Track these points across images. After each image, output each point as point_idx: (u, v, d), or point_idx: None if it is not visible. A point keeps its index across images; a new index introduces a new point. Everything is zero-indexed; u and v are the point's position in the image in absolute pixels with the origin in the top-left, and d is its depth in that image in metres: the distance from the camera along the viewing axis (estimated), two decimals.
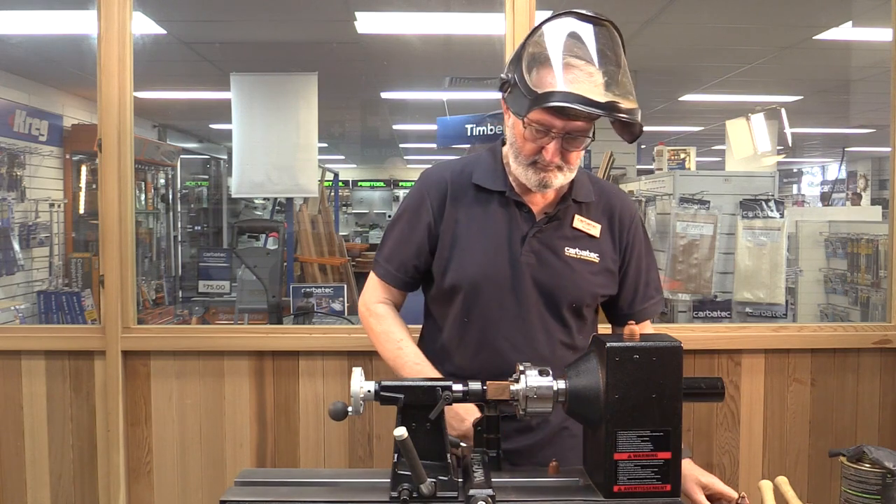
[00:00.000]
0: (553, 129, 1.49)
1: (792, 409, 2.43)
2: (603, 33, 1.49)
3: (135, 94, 2.37)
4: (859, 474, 1.33)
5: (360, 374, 1.37)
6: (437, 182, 1.70)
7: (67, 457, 2.38)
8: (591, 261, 1.66)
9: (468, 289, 1.65)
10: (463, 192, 1.68)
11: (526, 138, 1.53)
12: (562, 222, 1.66)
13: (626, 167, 6.65)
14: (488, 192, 1.66)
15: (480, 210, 1.66)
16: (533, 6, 2.32)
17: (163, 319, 6.43)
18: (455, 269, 1.65)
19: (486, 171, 1.68)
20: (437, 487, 1.31)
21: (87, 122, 6.74)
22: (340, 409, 1.35)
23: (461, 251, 1.65)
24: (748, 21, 5.02)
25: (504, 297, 1.64)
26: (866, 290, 5.09)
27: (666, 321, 4.62)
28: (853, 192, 14.57)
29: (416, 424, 1.34)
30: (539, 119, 1.49)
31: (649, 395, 1.31)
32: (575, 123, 1.49)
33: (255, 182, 4.52)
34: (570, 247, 1.65)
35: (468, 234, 1.66)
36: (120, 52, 2.32)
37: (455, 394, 1.36)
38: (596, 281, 1.67)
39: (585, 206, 1.69)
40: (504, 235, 1.64)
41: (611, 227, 1.70)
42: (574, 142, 1.52)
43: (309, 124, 4.54)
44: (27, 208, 5.75)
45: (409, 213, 1.71)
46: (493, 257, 1.64)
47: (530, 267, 1.63)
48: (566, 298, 1.65)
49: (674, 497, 1.32)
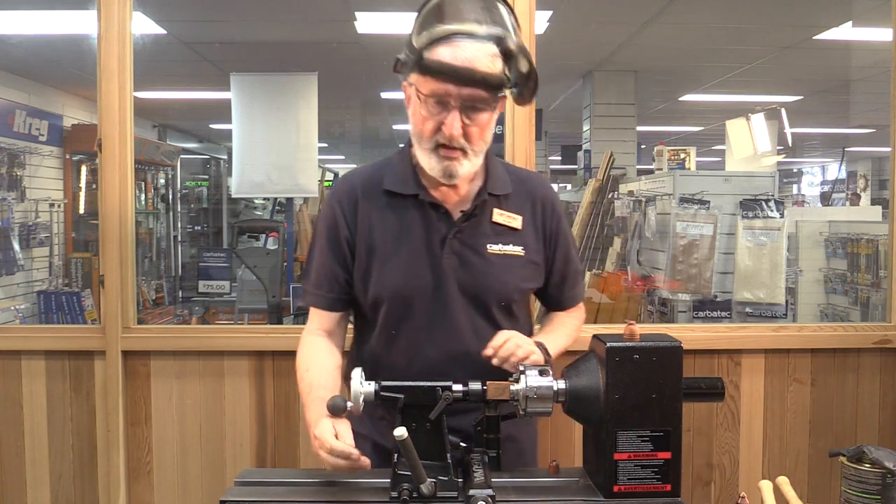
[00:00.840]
0: (449, 96, 1.45)
1: (792, 409, 2.43)
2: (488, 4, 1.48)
3: (135, 94, 2.37)
4: (859, 474, 1.32)
5: (360, 374, 1.37)
6: (346, 193, 1.63)
7: (67, 457, 2.38)
8: (515, 255, 1.61)
9: (391, 301, 1.59)
10: (375, 201, 1.61)
11: (424, 116, 1.49)
12: (481, 219, 1.60)
13: (626, 167, 6.65)
14: (401, 196, 1.60)
15: (395, 217, 1.60)
16: (533, 6, 2.32)
17: (163, 319, 6.44)
18: (376, 283, 1.59)
19: (396, 175, 1.62)
20: (437, 487, 1.31)
21: (87, 122, 6.74)
22: (340, 404, 1.35)
23: (380, 263, 1.59)
24: (748, 21, 5.03)
25: (429, 305, 1.58)
26: (866, 290, 5.09)
27: (666, 321, 4.62)
28: (852, 193, 14.57)
29: (416, 424, 1.35)
30: (432, 89, 1.45)
31: (649, 395, 1.31)
32: (470, 90, 1.45)
33: (255, 182, 4.52)
34: (493, 243, 1.60)
35: (385, 244, 1.60)
36: (120, 52, 2.31)
37: (455, 394, 1.36)
38: (522, 275, 1.63)
39: (504, 198, 1.63)
40: (422, 241, 1.58)
41: (533, 216, 1.65)
42: (475, 115, 1.48)
43: (309, 124, 4.54)
44: (27, 208, 5.75)
45: (325, 230, 1.65)
46: (414, 265, 1.58)
47: (453, 270, 1.57)
48: (493, 297, 1.60)
49: (674, 497, 1.32)
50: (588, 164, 7.08)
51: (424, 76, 1.46)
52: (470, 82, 1.44)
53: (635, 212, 5.29)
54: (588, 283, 4.92)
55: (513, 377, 1.40)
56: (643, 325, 2.34)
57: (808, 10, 4.83)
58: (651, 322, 4.72)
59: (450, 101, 1.46)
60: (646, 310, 4.87)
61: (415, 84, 1.49)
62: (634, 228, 5.24)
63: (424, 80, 1.46)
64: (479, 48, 1.44)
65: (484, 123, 1.51)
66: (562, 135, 10.03)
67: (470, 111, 1.48)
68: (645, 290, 4.95)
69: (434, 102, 1.47)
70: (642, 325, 2.44)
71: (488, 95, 1.48)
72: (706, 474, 2.42)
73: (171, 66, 6.23)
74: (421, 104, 1.49)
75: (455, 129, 1.47)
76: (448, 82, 1.44)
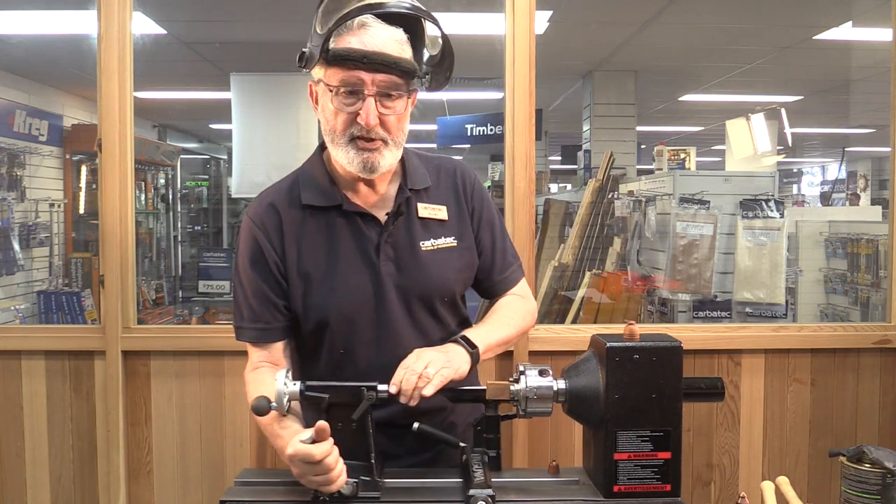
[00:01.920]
0: (362, 84, 1.40)
1: (792, 409, 2.43)
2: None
3: (135, 94, 2.37)
4: (859, 474, 1.33)
5: (284, 375, 1.35)
6: (266, 216, 1.53)
7: (67, 457, 2.38)
8: (448, 246, 1.56)
9: (336, 322, 1.51)
10: (297, 219, 1.52)
11: (338, 109, 1.42)
12: (407, 216, 1.54)
13: (626, 167, 6.65)
14: (323, 210, 1.52)
15: (322, 234, 1.51)
16: (533, 6, 2.31)
17: (163, 319, 6.43)
18: (316, 307, 1.51)
19: (313, 187, 1.53)
20: (358, 488, 1.31)
21: (87, 122, 6.74)
22: (263, 406, 1.34)
23: (317, 285, 1.50)
24: (748, 21, 5.03)
25: (373, 317, 1.51)
26: (866, 290, 5.09)
27: (666, 321, 4.62)
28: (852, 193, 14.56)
29: (342, 424, 1.33)
30: (343, 78, 1.40)
31: (649, 395, 1.31)
32: (384, 76, 1.40)
33: (255, 182, 4.52)
34: (424, 239, 1.54)
35: (318, 265, 1.51)
36: (120, 52, 2.31)
37: (381, 394, 1.34)
38: (459, 265, 1.58)
39: (425, 191, 1.57)
40: (356, 253, 1.51)
41: (457, 202, 1.60)
42: (389, 103, 1.42)
43: (309, 124, 4.55)
44: (27, 208, 5.75)
45: (251, 261, 1.53)
46: (353, 280, 1.50)
47: (391, 276, 1.51)
48: (436, 294, 1.55)
49: (674, 497, 1.32)
50: (588, 164, 7.08)
51: (333, 67, 1.41)
52: (382, 67, 1.40)
53: (635, 212, 5.29)
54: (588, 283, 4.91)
55: (512, 377, 1.40)
56: (643, 325, 2.34)
57: (808, 10, 4.83)
58: (651, 322, 4.72)
59: (363, 90, 1.41)
60: (646, 310, 4.87)
61: (322, 79, 1.45)
62: (634, 228, 5.24)
63: (333, 70, 1.41)
64: (387, 34, 1.41)
65: (400, 111, 1.45)
66: (562, 135, 10.03)
67: (385, 99, 1.43)
68: (645, 290, 4.94)
69: (346, 93, 1.42)
70: (642, 325, 2.44)
71: (402, 81, 1.43)
72: (706, 474, 2.42)
73: (171, 66, 6.22)
74: (332, 97, 1.43)
75: (372, 117, 1.40)
76: (360, 69, 1.39)
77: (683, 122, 10.20)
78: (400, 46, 1.43)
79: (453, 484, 1.37)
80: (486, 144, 6.79)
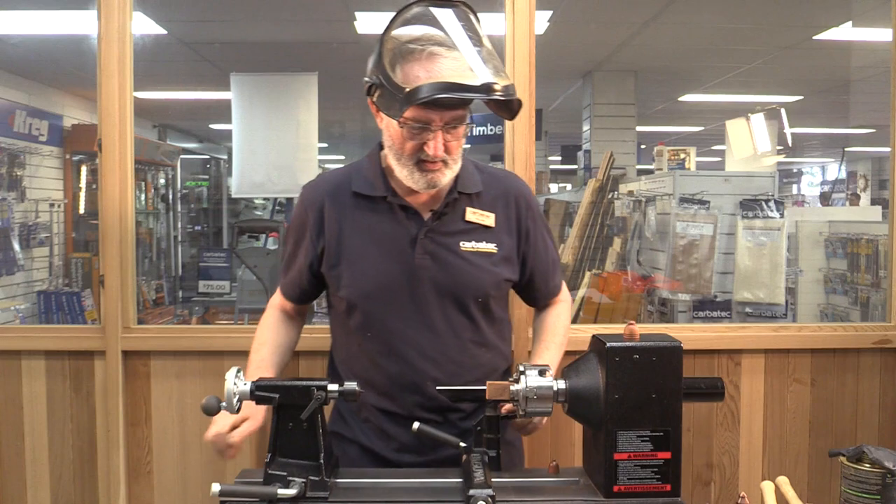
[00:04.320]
0: (431, 123, 1.46)
1: (792, 410, 2.43)
2: (459, 15, 1.45)
3: (135, 94, 2.37)
4: (859, 474, 1.33)
5: (234, 374, 1.36)
6: (315, 197, 1.66)
7: (67, 457, 2.38)
8: (489, 252, 1.62)
9: (364, 303, 1.60)
10: (344, 204, 1.63)
11: (405, 137, 1.48)
12: (452, 217, 1.61)
13: (626, 167, 6.66)
14: (370, 199, 1.61)
15: (364, 219, 1.61)
16: (533, 6, 2.31)
17: (163, 319, 6.44)
18: (347, 286, 1.60)
19: (364, 178, 1.63)
20: (307, 488, 1.31)
21: (87, 122, 6.74)
22: (213, 405, 1.35)
23: (351, 266, 1.60)
24: (748, 21, 5.03)
25: (403, 306, 1.58)
26: (866, 290, 5.09)
27: (666, 321, 4.62)
28: (852, 193, 14.56)
29: (293, 424, 1.34)
30: (415, 116, 1.44)
31: (649, 395, 1.31)
32: (452, 113, 1.46)
33: (255, 182, 4.52)
34: (466, 240, 1.61)
35: (355, 246, 1.60)
36: (120, 52, 2.31)
37: (330, 393, 1.35)
38: (497, 271, 1.63)
39: (476, 196, 1.64)
40: (392, 242, 1.59)
41: (507, 213, 1.66)
42: (454, 131, 1.49)
43: (309, 124, 4.54)
44: (27, 208, 5.75)
45: (293, 232, 1.69)
46: (386, 266, 1.58)
47: (426, 269, 1.58)
48: (470, 294, 1.60)
49: (674, 497, 1.32)
50: (588, 164, 7.08)
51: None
52: (452, 107, 1.44)
53: (635, 212, 5.29)
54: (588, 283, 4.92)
55: (512, 377, 1.40)
56: (643, 325, 2.34)
57: (808, 10, 4.83)
58: (651, 322, 4.72)
59: (430, 126, 1.46)
60: (646, 310, 4.87)
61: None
62: (634, 228, 5.25)
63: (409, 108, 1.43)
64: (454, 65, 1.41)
65: (462, 135, 1.52)
66: (562, 135, 10.03)
67: (450, 129, 1.48)
68: (645, 290, 4.95)
69: (414, 127, 1.46)
70: (642, 325, 2.44)
71: (466, 112, 1.49)
72: (706, 474, 2.42)
73: (171, 66, 6.23)
74: (400, 123, 1.47)
75: (439, 150, 1.48)
76: (430, 109, 1.44)
77: (683, 122, 10.20)
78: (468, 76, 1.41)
79: (453, 484, 1.37)
80: (486, 144, 6.79)
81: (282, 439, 1.34)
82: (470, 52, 1.42)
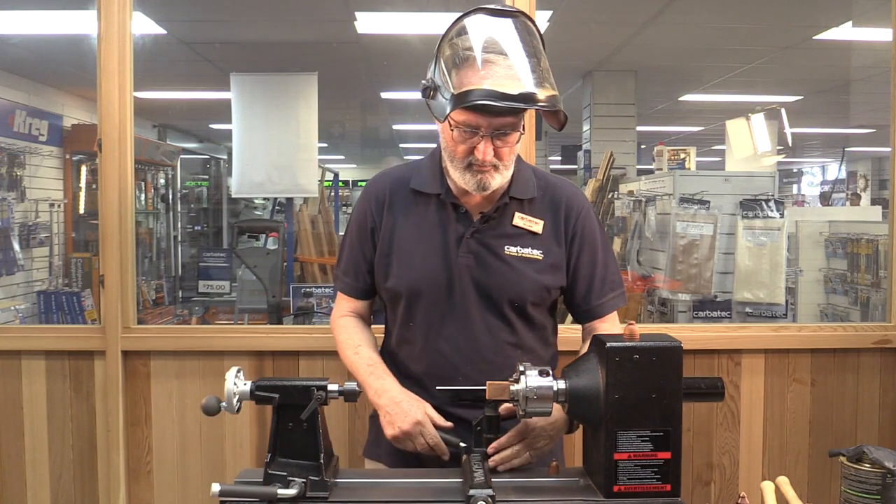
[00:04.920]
0: (479, 128, 1.49)
1: (792, 409, 2.43)
2: (516, 25, 1.48)
3: (135, 94, 2.37)
4: (859, 474, 1.33)
5: (234, 373, 1.37)
6: (377, 190, 1.71)
7: (67, 457, 2.38)
8: (534, 258, 1.64)
9: (408, 294, 1.65)
10: (401, 198, 1.69)
11: (456, 140, 1.52)
12: (500, 221, 1.64)
13: (626, 167, 6.65)
14: (425, 195, 1.67)
15: (417, 214, 1.67)
16: (533, 6, 2.32)
17: (163, 319, 6.43)
18: (394, 276, 1.66)
19: (423, 175, 1.68)
20: (307, 488, 1.31)
21: (87, 122, 6.73)
22: (213, 405, 1.35)
23: (399, 257, 1.66)
24: (748, 21, 5.03)
25: (443, 300, 1.63)
26: (866, 290, 5.09)
27: (666, 321, 4.62)
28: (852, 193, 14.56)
29: (293, 424, 1.34)
30: (463, 120, 1.48)
31: (649, 395, 1.31)
32: (501, 119, 1.48)
33: (255, 182, 4.52)
34: (511, 245, 1.64)
35: (404, 239, 1.66)
36: (120, 52, 2.31)
37: (330, 393, 1.36)
38: (540, 278, 1.64)
39: (528, 202, 1.66)
40: (440, 238, 1.64)
41: (555, 221, 1.67)
42: (505, 137, 1.51)
43: (309, 124, 4.54)
44: (27, 208, 5.75)
45: (355, 223, 1.74)
46: (430, 261, 1.63)
47: (468, 268, 1.62)
48: (506, 297, 1.63)
49: (674, 497, 1.32)
50: (588, 164, 7.08)
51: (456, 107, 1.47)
52: (500, 114, 1.47)
53: (635, 212, 5.29)
54: None
55: (513, 377, 1.40)
56: (643, 325, 2.34)
57: (808, 10, 4.83)
58: (651, 322, 4.72)
59: (480, 130, 1.49)
60: (646, 310, 4.87)
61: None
62: (634, 228, 5.24)
63: (456, 111, 1.47)
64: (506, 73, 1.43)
65: (513, 141, 1.54)
66: (562, 135, 9.99)
67: (500, 135, 1.51)
68: (645, 290, 4.95)
69: (464, 130, 1.50)
70: (642, 325, 2.44)
71: (516, 120, 1.51)
72: (706, 474, 2.42)
73: (171, 66, 6.23)
74: (453, 125, 1.51)
75: (487, 155, 1.51)
76: (479, 114, 1.47)
77: (683, 122, 10.20)
78: (515, 86, 1.42)
79: (453, 484, 1.37)
80: None
81: (282, 439, 1.35)
82: (521, 61, 1.44)
